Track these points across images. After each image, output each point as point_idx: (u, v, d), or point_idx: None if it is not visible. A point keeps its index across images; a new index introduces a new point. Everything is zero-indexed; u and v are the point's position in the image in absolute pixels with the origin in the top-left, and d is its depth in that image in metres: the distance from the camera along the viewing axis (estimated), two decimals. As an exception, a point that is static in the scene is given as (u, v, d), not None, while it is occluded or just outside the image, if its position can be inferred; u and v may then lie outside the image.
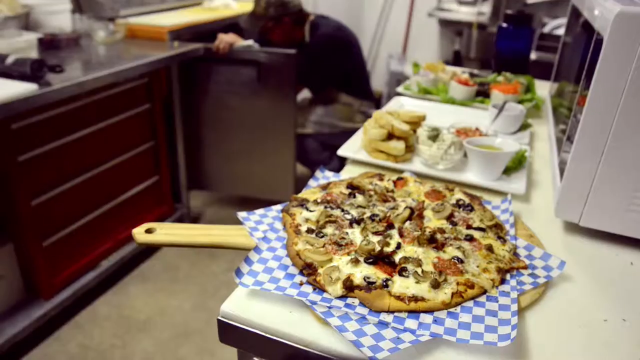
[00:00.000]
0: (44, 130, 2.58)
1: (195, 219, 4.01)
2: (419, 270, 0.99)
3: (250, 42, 3.45)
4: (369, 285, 0.95)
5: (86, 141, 2.84)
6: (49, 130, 2.61)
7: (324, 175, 1.45)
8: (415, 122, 1.68)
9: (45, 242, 2.74)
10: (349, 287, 0.95)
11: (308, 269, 1.00)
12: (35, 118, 2.51)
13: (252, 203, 4.22)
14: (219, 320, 0.95)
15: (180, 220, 3.77)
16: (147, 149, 3.35)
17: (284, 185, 3.75)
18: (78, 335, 2.89)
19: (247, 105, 3.56)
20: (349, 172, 1.52)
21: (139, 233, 1.11)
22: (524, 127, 1.86)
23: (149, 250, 3.58)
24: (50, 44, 2.95)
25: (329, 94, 3.85)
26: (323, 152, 3.89)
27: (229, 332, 0.95)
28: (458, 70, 2.62)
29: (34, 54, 2.78)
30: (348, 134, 1.79)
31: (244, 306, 0.95)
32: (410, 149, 1.62)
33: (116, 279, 3.34)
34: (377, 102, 4.72)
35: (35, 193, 2.60)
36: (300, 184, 2.20)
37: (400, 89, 2.34)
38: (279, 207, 1.25)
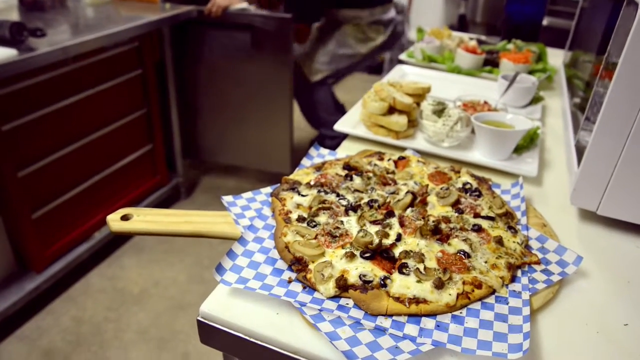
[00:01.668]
0: (28, 98, 2.45)
1: (190, 189, 3.92)
2: (421, 266, 0.89)
3: (244, 4, 3.28)
4: (365, 284, 0.85)
5: (74, 109, 2.72)
6: (34, 99, 2.48)
7: (319, 153, 1.34)
8: (419, 95, 1.55)
9: (35, 215, 2.66)
10: (343, 286, 0.85)
11: (297, 264, 0.90)
12: (18, 85, 2.37)
13: (247, 173, 4.12)
14: (198, 322, 0.86)
15: (175, 189, 3.68)
16: (139, 117, 3.23)
17: (281, 156, 3.63)
18: (71, 309, 2.84)
19: (242, 71, 3.42)
20: (346, 150, 1.41)
21: (114, 220, 1.01)
22: (536, 100, 1.73)
23: (143, 220, 3.50)
24: (33, 5, 2.79)
25: (330, 17, 3.41)
26: (335, 113, 3.69)
27: (209, 334, 0.86)
28: (465, 36, 2.46)
29: (14, 16, 2.62)
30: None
31: (226, 306, 0.85)
32: (413, 124, 1.50)
33: (110, 250, 3.27)
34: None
35: (22, 164, 2.50)
36: (298, 155, 2.08)
37: (403, 56, 2.20)
38: (268, 189, 1.15)
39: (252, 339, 0.82)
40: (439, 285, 0.84)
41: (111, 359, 2.56)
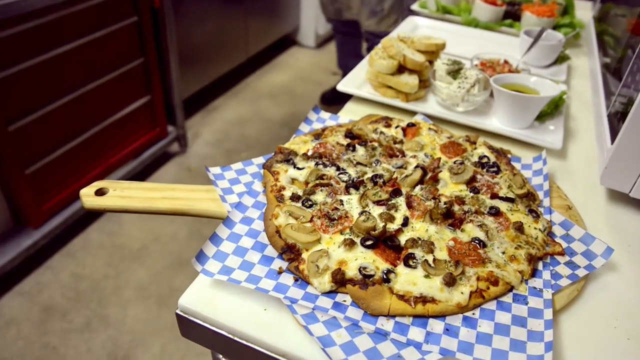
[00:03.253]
0: (15, 47, 2.30)
1: (190, 141, 3.79)
2: (429, 258, 0.78)
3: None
4: (366, 279, 0.75)
5: (66, 59, 2.57)
6: (22, 48, 2.33)
7: (319, 117, 1.21)
8: (432, 52, 1.40)
9: (29, 170, 2.57)
10: (340, 281, 0.75)
11: (289, 252, 0.79)
12: (4, 33, 2.22)
13: (252, 121, 3.97)
14: (177, 315, 0.76)
15: (177, 140, 3.57)
16: (135, 67, 3.07)
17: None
18: (70, 264, 2.80)
19: (247, 17, 3.22)
20: (349, 113, 1.28)
21: (87, 195, 0.90)
22: (561, 59, 1.57)
23: (143, 172, 3.42)
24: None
25: None
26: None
27: (190, 329, 0.76)
28: (484, -16, 2.25)
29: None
30: None
31: (207, 300, 0.75)
32: (424, 84, 1.36)
33: (109, 205, 3.20)
34: None
35: (11, 118, 2.38)
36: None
37: (415, 6, 2.01)
38: (260, 160, 1.03)
39: (236, 338, 0.72)
40: (450, 281, 0.74)
41: (110, 316, 2.54)
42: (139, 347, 2.40)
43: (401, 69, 1.33)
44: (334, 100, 4.00)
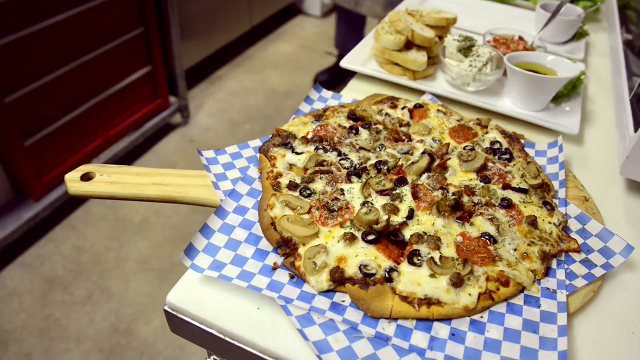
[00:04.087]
0: (10, 15, 2.21)
1: (192, 112, 3.72)
2: (436, 255, 0.73)
3: None
4: (366, 277, 0.70)
5: (63, 28, 2.48)
6: (17, 16, 2.25)
7: (320, 96, 1.14)
8: (442, 27, 1.31)
9: (27, 142, 2.52)
10: (339, 279, 0.70)
11: (285, 247, 0.74)
12: (-2, 0, 2.14)
13: (255, 93, 3.88)
14: (165, 312, 0.72)
15: (179, 111, 3.50)
16: (135, 37, 2.98)
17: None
18: (72, 237, 2.78)
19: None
20: (352, 92, 1.21)
21: (73, 181, 0.85)
22: (579, 35, 1.48)
23: (143, 145, 3.36)
24: None
25: None
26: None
27: (179, 326, 0.72)
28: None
29: None
30: None
31: (197, 296, 0.71)
32: (433, 61, 1.28)
33: (110, 177, 3.16)
34: None
35: (8, 89, 2.32)
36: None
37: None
38: (257, 142, 0.96)
39: (226, 338, 0.68)
40: (457, 282, 0.68)
41: (112, 288, 2.53)
42: (141, 320, 2.40)
43: (409, 44, 1.25)
44: (329, 83, 3.54)
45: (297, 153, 0.90)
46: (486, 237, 0.77)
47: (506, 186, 0.87)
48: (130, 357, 2.23)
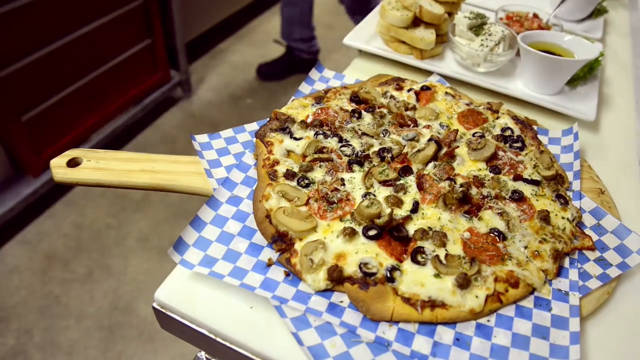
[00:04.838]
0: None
1: (194, 86, 3.64)
2: (441, 253, 0.68)
3: None
4: (367, 277, 0.65)
5: (59, 0, 2.41)
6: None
7: (322, 76, 1.08)
8: (452, 3, 1.24)
9: (25, 117, 2.47)
10: (337, 278, 0.65)
11: (280, 242, 0.69)
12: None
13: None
14: (154, 309, 0.68)
15: (180, 85, 3.42)
16: (134, 9, 2.89)
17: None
18: (71, 213, 2.75)
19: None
20: (356, 72, 1.14)
21: (58, 167, 0.80)
22: (597, 13, 1.40)
23: (143, 120, 3.30)
24: None
25: None
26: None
27: (168, 323, 0.68)
28: None
29: None
30: None
31: (187, 293, 0.67)
32: (442, 39, 1.22)
33: (110, 153, 3.12)
34: None
35: (2, 63, 2.26)
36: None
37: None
38: (254, 126, 0.91)
39: (218, 339, 0.64)
40: (464, 283, 0.64)
41: (112, 266, 2.51)
42: (141, 298, 2.38)
43: (416, 21, 1.18)
44: (271, 75, 3.39)
45: (295, 138, 0.85)
46: (495, 233, 0.72)
47: (517, 177, 0.81)
48: (130, 335, 2.22)
